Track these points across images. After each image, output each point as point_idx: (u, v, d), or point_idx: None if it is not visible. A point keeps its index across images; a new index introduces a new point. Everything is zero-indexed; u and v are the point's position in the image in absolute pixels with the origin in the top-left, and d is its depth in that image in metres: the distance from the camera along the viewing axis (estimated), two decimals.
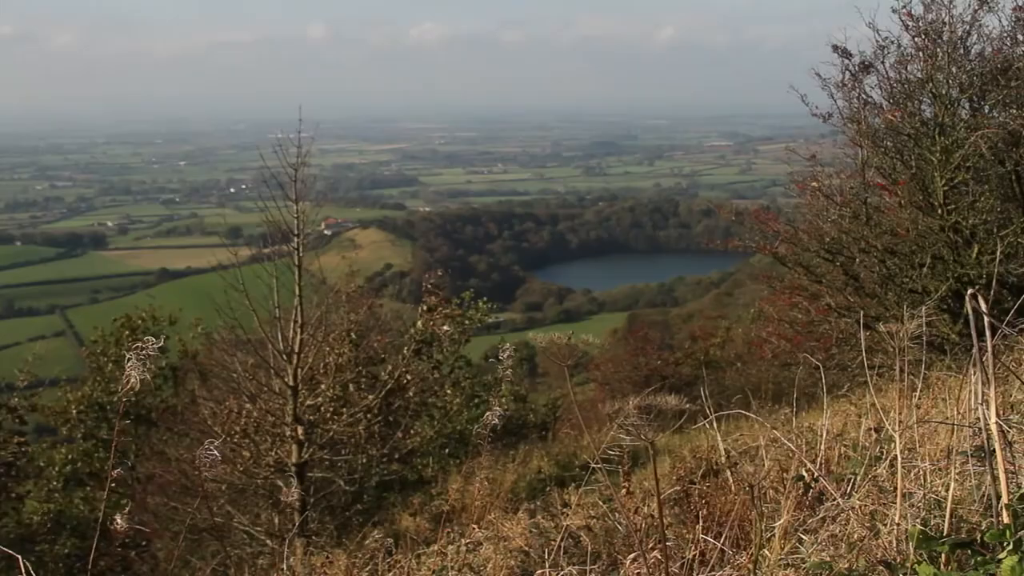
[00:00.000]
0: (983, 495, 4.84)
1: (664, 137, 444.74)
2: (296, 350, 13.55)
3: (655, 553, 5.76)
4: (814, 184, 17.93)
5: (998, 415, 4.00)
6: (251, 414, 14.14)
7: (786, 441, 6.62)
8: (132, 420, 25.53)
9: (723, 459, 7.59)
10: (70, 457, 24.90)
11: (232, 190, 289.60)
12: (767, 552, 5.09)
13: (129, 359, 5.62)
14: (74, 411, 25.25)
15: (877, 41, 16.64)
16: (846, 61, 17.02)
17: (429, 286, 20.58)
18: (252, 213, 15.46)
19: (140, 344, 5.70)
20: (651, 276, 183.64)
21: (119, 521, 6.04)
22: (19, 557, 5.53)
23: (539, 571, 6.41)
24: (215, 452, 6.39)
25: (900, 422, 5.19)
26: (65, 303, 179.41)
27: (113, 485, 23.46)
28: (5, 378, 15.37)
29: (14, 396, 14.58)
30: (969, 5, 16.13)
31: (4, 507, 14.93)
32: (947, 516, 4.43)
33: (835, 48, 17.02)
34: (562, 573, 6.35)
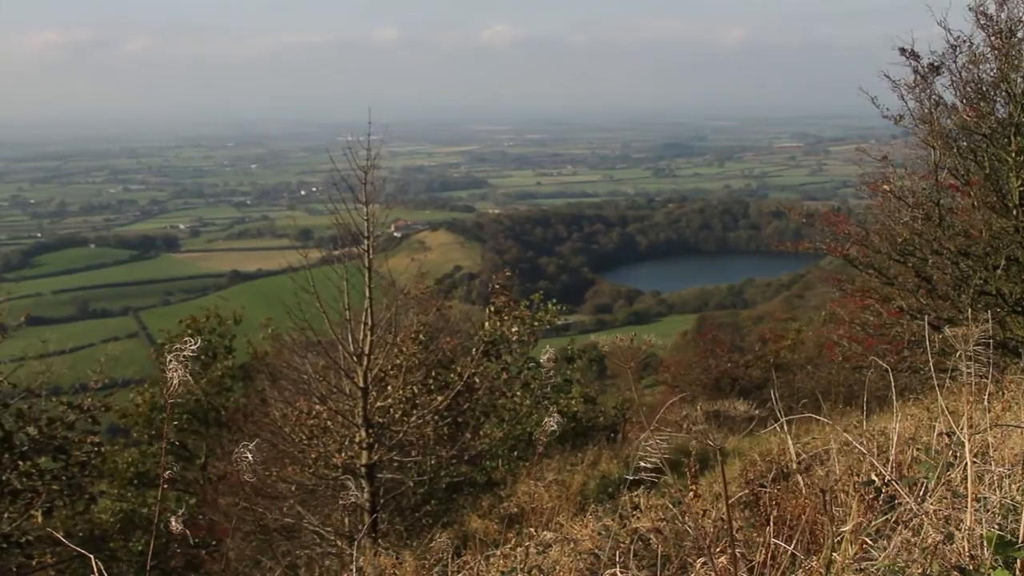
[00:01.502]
0: None
1: (733, 138, 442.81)
2: (366, 352, 13.58)
3: (724, 557, 5.73)
4: (885, 186, 17.77)
5: None
6: (321, 415, 14.21)
7: (857, 444, 6.56)
8: (202, 421, 25.76)
9: (793, 462, 7.54)
10: (132, 460, 25.17)
11: (302, 193, 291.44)
12: (837, 556, 5.05)
13: (170, 360, 5.65)
14: (143, 412, 25.52)
15: (949, 41, 16.48)
16: (914, 63, 16.87)
17: (496, 287, 20.59)
18: (322, 215, 15.53)
19: (179, 345, 5.73)
20: (721, 278, 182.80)
21: (174, 523, 6.09)
22: (91, 556, 5.59)
23: (608, 573, 6.39)
24: (249, 455, 6.41)
25: (970, 426, 5.14)
26: (138, 305, 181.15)
27: (165, 485, 23.72)
28: (79, 379, 15.50)
29: (88, 396, 14.70)
30: None
31: (78, 506, 15.08)
32: (1022, 521, 4.38)
33: (902, 51, 16.87)
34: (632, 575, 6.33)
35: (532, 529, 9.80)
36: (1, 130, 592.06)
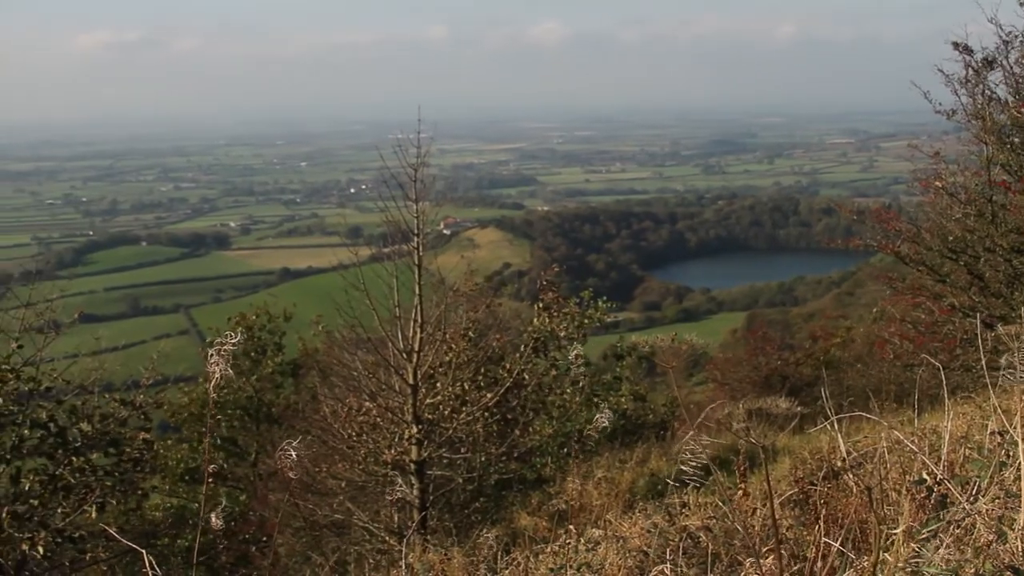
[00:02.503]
0: None
1: (784, 135, 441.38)
2: (416, 348, 13.62)
3: (772, 556, 5.71)
4: (937, 182, 17.66)
5: None
6: (371, 412, 14.25)
7: (908, 443, 6.53)
8: (253, 417, 25.90)
9: (843, 461, 7.50)
10: (183, 456, 25.33)
11: (352, 190, 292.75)
12: (888, 556, 5.02)
13: (211, 354, 5.69)
14: (193, 409, 25.69)
15: (1001, 36, 16.36)
16: (967, 57, 16.75)
17: (544, 283, 20.59)
18: (372, 213, 15.56)
19: (220, 340, 5.77)
20: (771, 275, 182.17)
21: (214, 520, 6.13)
22: (143, 552, 5.64)
23: (656, 570, 6.38)
24: (293, 452, 6.44)
25: (1023, 425, 5.10)
26: (189, 302, 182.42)
27: (212, 480, 23.83)
28: (132, 375, 15.59)
29: (140, 393, 14.80)
30: None
31: (130, 502, 15.18)
32: None
33: (955, 45, 16.76)
34: (680, 574, 6.32)
35: (580, 526, 9.80)
36: (53, 130, 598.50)
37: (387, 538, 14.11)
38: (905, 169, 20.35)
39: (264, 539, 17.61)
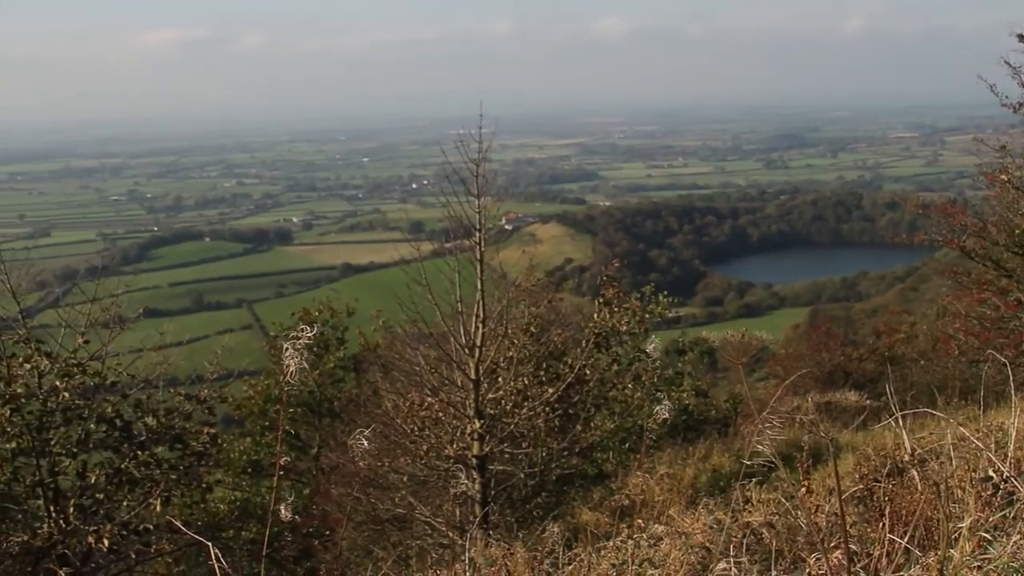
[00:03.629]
0: None
1: (847, 129, 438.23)
2: (478, 343, 13.62)
3: (837, 552, 5.68)
4: (1004, 176, 17.49)
5: None
6: (433, 407, 14.27)
7: (974, 440, 6.47)
8: (315, 412, 26.01)
9: (908, 457, 7.44)
10: (246, 450, 25.49)
11: (414, 186, 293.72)
12: (955, 553, 4.98)
13: (286, 349, 5.70)
14: (256, 403, 25.84)
15: None
16: None
17: (605, 278, 20.54)
18: (434, 208, 15.59)
19: (296, 334, 5.78)
20: (833, 270, 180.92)
21: (284, 511, 6.16)
22: (209, 544, 5.68)
23: (719, 566, 6.36)
24: (365, 442, 6.47)
25: None
26: (252, 297, 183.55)
27: (283, 474, 23.96)
28: (196, 370, 15.71)
29: (204, 387, 14.91)
30: None
31: (194, 495, 15.31)
32: None
33: (1020, 38, 16.58)
34: (743, 570, 6.29)
35: (643, 522, 9.78)
36: (119, 127, 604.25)
37: (449, 532, 14.14)
38: (970, 163, 20.20)
39: (327, 533, 17.71)
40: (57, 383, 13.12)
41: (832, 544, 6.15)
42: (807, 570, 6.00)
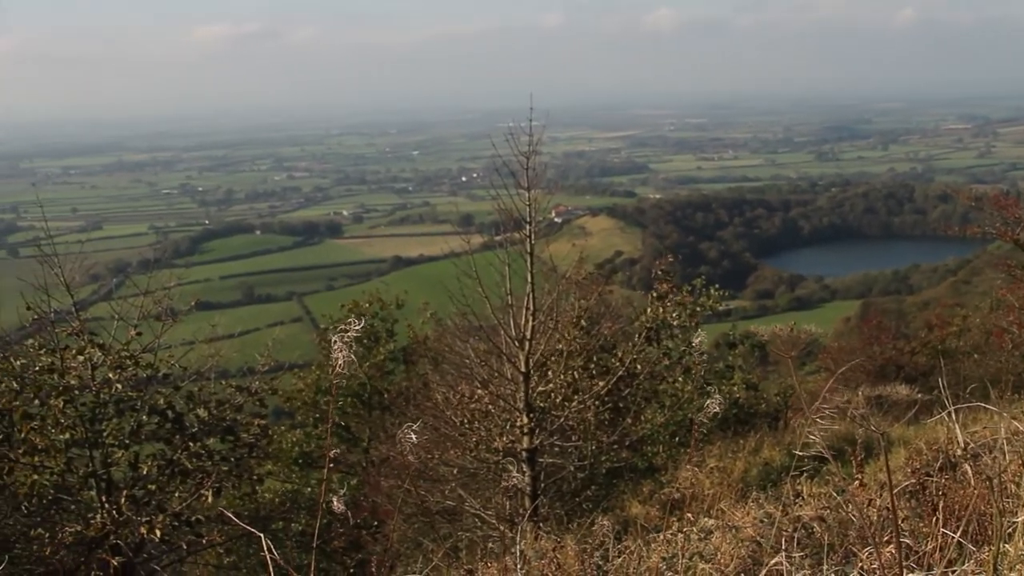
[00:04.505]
0: None
1: (899, 121, 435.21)
2: (528, 336, 13.62)
3: (890, 547, 5.64)
4: None
5: None
6: (483, 399, 14.28)
7: None
8: (365, 404, 26.07)
9: (961, 452, 7.38)
10: (297, 441, 25.61)
11: (463, 179, 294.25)
12: (1009, 548, 4.94)
13: (335, 341, 5.71)
14: (307, 395, 25.95)
15: None
16: None
17: (659, 272, 20.50)
18: (483, 201, 15.62)
19: (344, 327, 5.79)
20: (885, 263, 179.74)
21: (336, 503, 6.17)
22: (261, 535, 5.71)
23: (771, 561, 6.33)
24: (413, 436, 6.46)
25: None
26: (302, 290, 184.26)
27: (333, 466, 24.04)
28: (247, 362, 15.78)
29: (255, 380, 14.98)
30: None
31: (245, 487, 15.38)
32: None
33: None
34: (795, 564, 6.27)
35: (693, 515, 9.76)
36: (171, 121, 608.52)
37: (498, 525, 14.16)
38: None
39: (376, 525, 17.76)
40: (110, 375, 13.21)
41: (884, 539, 6.12)
42: (859, 565, 5.97)
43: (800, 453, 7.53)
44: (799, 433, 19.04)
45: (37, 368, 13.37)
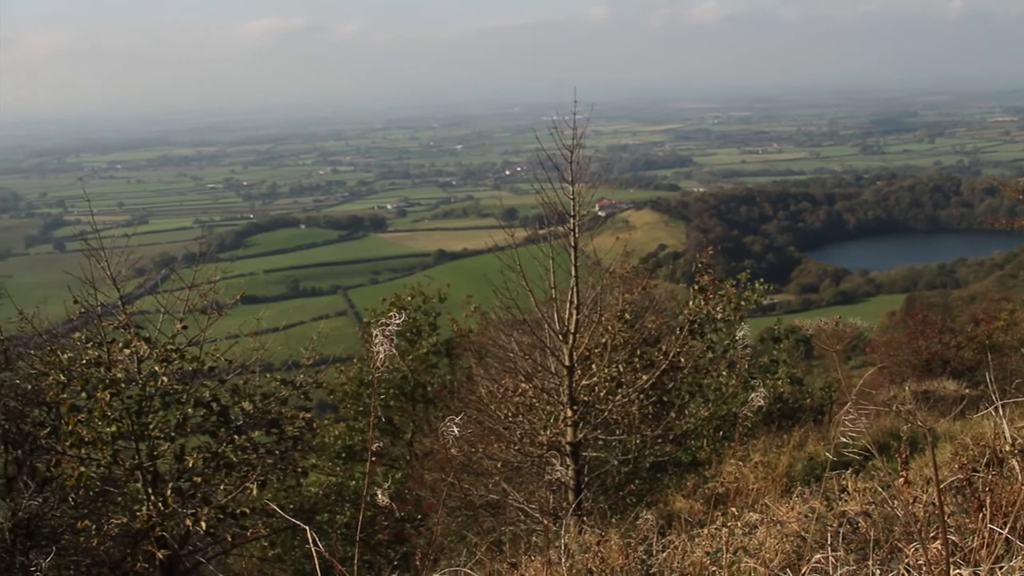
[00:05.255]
0: None
1: (945, 114, 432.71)
2: (572, 330, 13.61)
3: (937, 543, 5.61)
4: None
5: None
6: (527, 393, 14.28)
7: None
8: (408, 397, 26.13)
9: (1008, 447, 7.33)
10: (340, 435, 25.68)
11: (507, 172, 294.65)
12: None
13: (375, 335, 5.72)
14: (350, 388, 26.01)
15: None
16: None
17: (699, 264, 20.45)
18: (527, 195, 15.59)
19: (384, 320, 5.80)
20: (931, 257, 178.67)
21: (380, 496, 6.19)
22: (306, 528, 5.73)
23: (816, 556, 6.31)
24: (455, 429, 6.47)
25: None
26: (346, 284, 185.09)
27: (376, 459, 24.11)
28: (291, 355, 15.86)
29: (300, 373, 15.05)
30: None
31: (289, 480, 15.45)
32: None
33: None
34: (839, 560, 6.24)
35: (737, 510, 9.73)
36: (216, 116, 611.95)
37: (542, 519, 14.15)
38: None
39: (420, 518, 17.80)
40: (156, 368, 13.30)
41: (930, 535, 6.09)
42: (904, 561, 5.93)
43: (845, 448, 7.50)
44: (844, 428, 18.96)
45: (84, 361, 13.48)
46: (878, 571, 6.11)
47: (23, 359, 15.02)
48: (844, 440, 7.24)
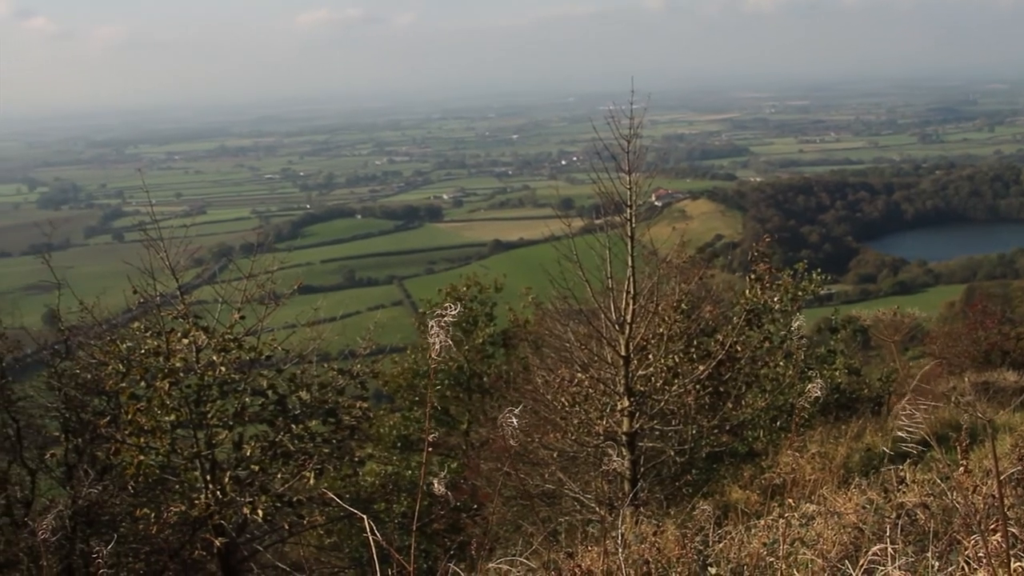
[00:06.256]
0: None
1: (1005, 102, 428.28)
2: (628, 320, 13.59)
3: (997, 535, 5.57)
4: None
5: None
6: (583, 383, 14.27)
7: None
8: (464, 387, 26.17)
9: None
10: (396, 424, 25.79)
11: (563, 162, 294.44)
12: None
13: (432, 326, 5.73)
14: (406, 379, 26.10)
15: None
16: None
17: (756, 254, 20.35)
18: (583, 185, 15.59)
19: (440, 311, 5.81)
20: (990, 247, 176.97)
21: (437, 485, 6.21)
22: (364, 516, 5.76)
23: (874, 548, 6.28)
24: (514, 420, 6.47)
25: None
26: (402, 273, 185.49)
27: (433, 449, 24.18)
28: (348, 345, 15.92)
29: (356, 363, 15.11)
30: None
31: (345, 469, 15.51)
32: None
33: None
34: (898, 551, 6.20)
35: (794, 501, 9.69)
36: (274, 107, 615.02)
37: (598, 509, 14.15)
38: None
39: (476, 507, 17.84)
40: (214, 357, 13.40)
41: (990, 527, 6.04)
42: (964, 553, 5.90)
43: (903, 440, 7.46)
44: (902, 419, 18.86)
45: (143, 351, 13.60)
46: (937, 563, 6.08)
47: (83, 349, 15.17)
48: (902, 431, 7.21)
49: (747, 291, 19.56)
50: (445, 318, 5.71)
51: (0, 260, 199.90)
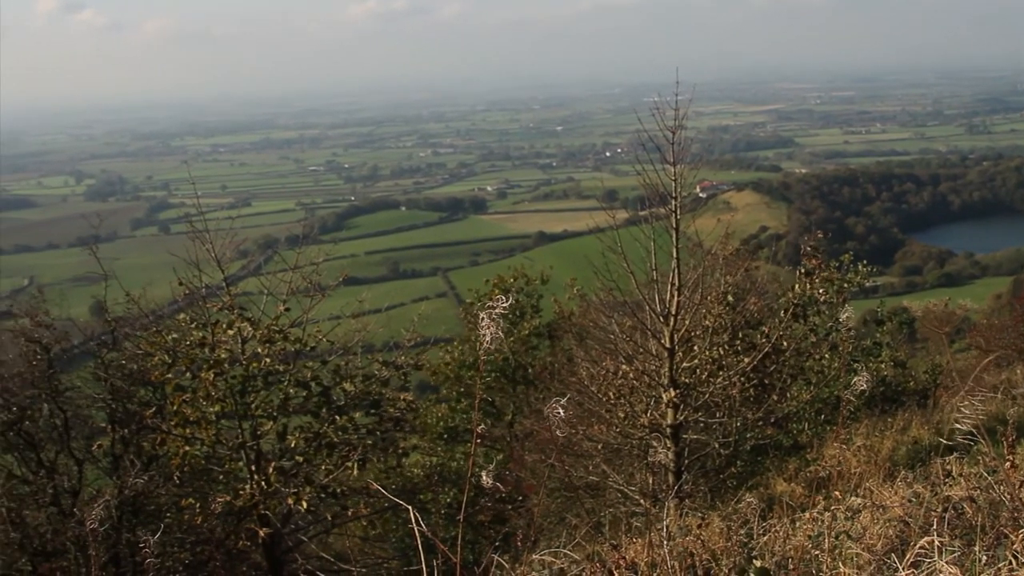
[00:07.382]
0: None
1: None
2: (673, 312, 13.56)
3: None
4: None
5: None
6: (628, 375, 14.25)
7: None
8: (509, 379, 26.20)
9: None
10: (441, 416, 25.86)
11: (607, 154, 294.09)
12: None
13: (483, 318, 5.73)
14: (452, 370, 26.14)
15: None
16: None
17: (808, 248, 20.26)
18: (627, 176, 15.59)
19: (491, 303, 5.81)
20: None
21: (485, 477, 6.21)
22: (409, 507, 5.79)
23: (920, 541, 6.24)
24: (561, 411, 6.47)
25: None
26: (447, 265, 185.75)
27: (479, 441, 24.21)
28: (392, 337, 15.96)
29: (401, 354, 15.17)
30: None
31: (390, 460, 15.57)
32: None
33: None
34: (944, 545, 6.17)
35: (840, 494, 9.65)
36: (318, 99, 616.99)
37: (642, 501, 14.14)
38: None
39: (521, 499, 17.86)
40: (259, 349, 13.48)
41: None
42: (1011, 547, 5.86)
43: (950, 434, 7.42)
44: (949, 412, 18.73)
45: (189, 342, 13.70)
46: (984, 557, 6.04)
47: (130, 340, 15.30)
48: (949, 424, 7.17)
49: (796, 286, 19.49)
50: (496, 310, 5.72)
51: (48, 252, 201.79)
